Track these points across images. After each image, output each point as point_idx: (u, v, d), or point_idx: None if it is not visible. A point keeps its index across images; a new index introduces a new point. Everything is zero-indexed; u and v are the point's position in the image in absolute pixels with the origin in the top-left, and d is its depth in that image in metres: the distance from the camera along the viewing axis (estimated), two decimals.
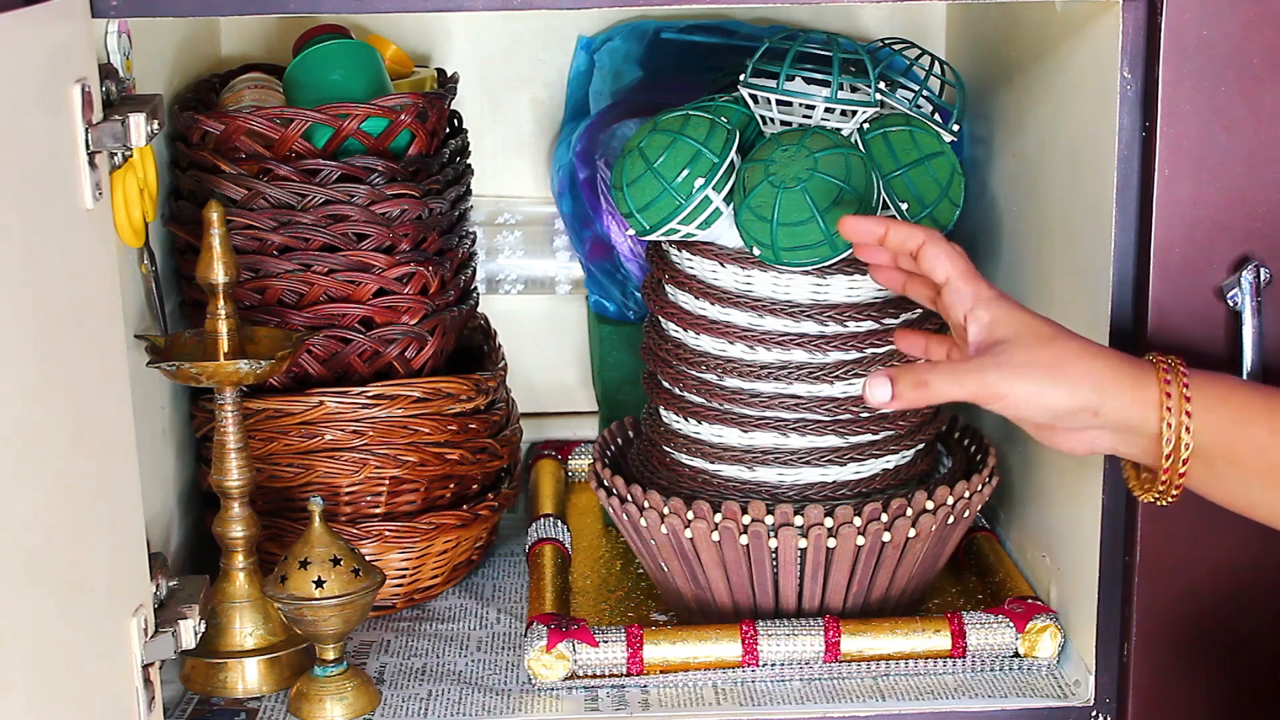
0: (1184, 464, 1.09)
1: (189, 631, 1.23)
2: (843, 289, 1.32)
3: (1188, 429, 1.08)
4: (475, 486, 1.51)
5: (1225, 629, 1.25)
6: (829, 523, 1.32)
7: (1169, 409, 1.08)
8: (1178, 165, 1.18)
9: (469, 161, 1.56)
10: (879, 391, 1.11)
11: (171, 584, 1.27)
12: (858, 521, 1.32)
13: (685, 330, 1.37)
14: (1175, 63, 1.17)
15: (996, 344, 1.10)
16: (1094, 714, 1.30)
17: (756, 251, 1.29)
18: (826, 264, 1.29)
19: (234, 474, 1.33)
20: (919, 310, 1.35)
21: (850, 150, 1.28)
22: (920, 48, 1.45)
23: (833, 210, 1.26)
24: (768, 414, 1.35)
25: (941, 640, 1.34)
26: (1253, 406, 1.08)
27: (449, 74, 1.58)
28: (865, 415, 1.35)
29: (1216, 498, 1.12)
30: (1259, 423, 1.08)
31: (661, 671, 1.34)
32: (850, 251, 1.28)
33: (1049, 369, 1.09)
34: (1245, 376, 1.18)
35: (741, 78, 1.37)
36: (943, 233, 1.26)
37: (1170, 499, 1.12)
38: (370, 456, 1.42)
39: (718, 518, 1.32)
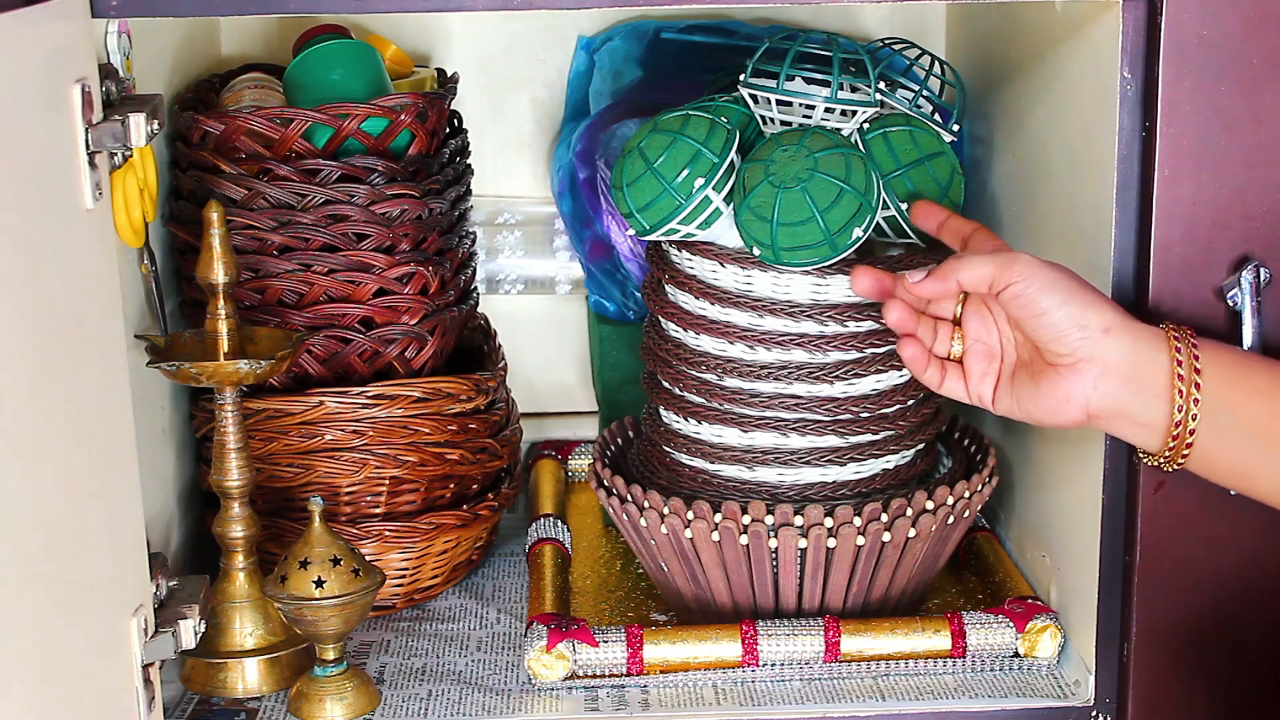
0: (1195, 405, 1.11)
1: (189, 631, 1.23)
2: (843, 289, 1.32)
3: (1198, 369, 1.10)
4: (475, 486, 1.51)
5: (1225, 629, 1.25)
6: (829, 523, 1.32)
7: (1178, 348, 1.11)
8: (1178, 165, 1.18)
9: (469, 161, 1.56)
10: (912, 274, 1.19)
11: (171, 584, 1.27)
12: (858, 521, 1.32)
13: (685, 330, 1.37)
14: (1175, 63, 1.17)
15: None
16: (1094, 714, 1.30)
17: (756, 251, 1.29)
18: (826, 264, 1.29)
19: (234, 474, 1.33)
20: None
21: (850, 150, 1.28)
22: (920, 48, 1.45)
23: (832, 210, 1.26)
24: (768, 414, 1.35)
25: (941, 640, 1.34)
26: (1252, 359, 1.12)
27: (449, 74, 1.58)
28: (865, 415, 1.35)
29: (1219, 464, 1.13)
30: (1258, 372, 1.11)
31: (661, 671, 1.34)
32: (850, 251, 1.28)
33: (1073, 282, 1.14)
34: None
35: (741, 78, 1.37)
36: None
37: (1179, 461, 1.14)
38: (370, 456, 1.42)
39: (718, 518, 1.32)
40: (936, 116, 1.39)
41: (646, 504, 1.35)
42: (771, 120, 1.36)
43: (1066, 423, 1.15)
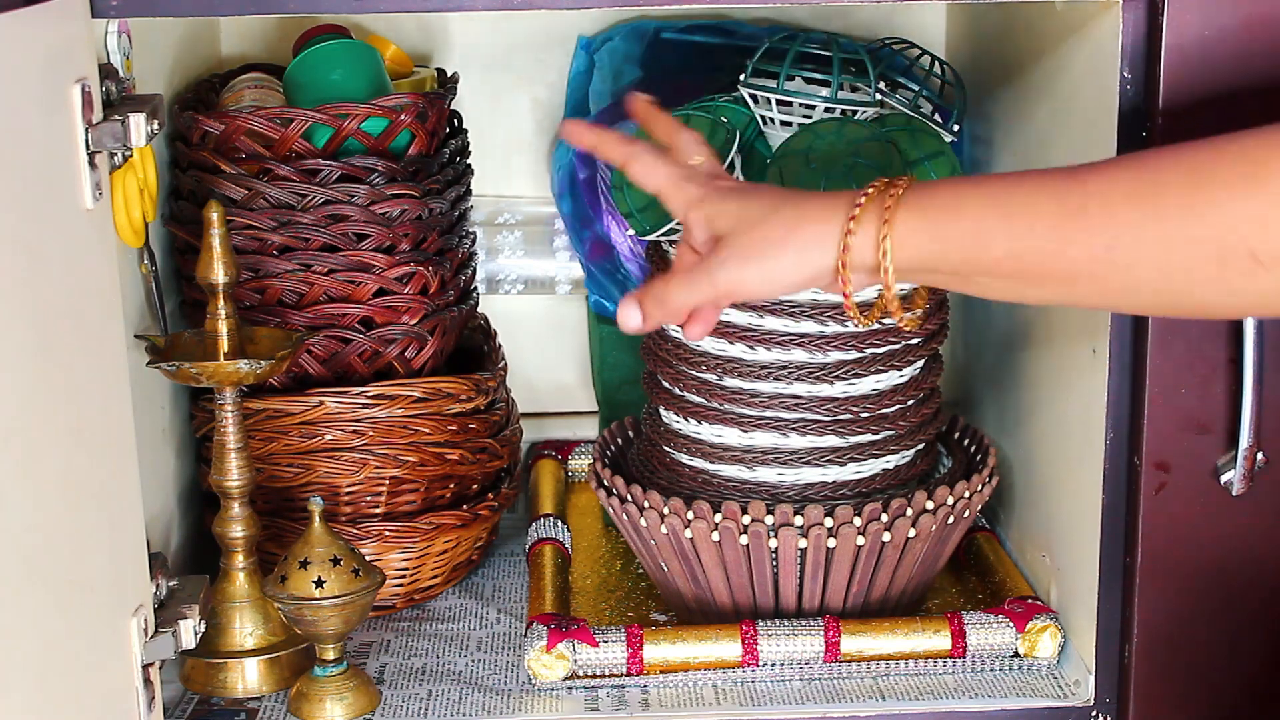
0: (889, 287, 1.05)
1: (189, 631, 1.23)
2: None
3: (885, 259, 1.03)
4: (475, 486, 1.51)
5: (1225, 629, 1.25)
6: (829, 523, 1.32)
7: (850, 230, 1.04)
8: None
9: (469, 161, 1.56)
10: (629, 316, 1.11)
11: (171, 584, 1.27)
12: (858, 521, 1.32)
13: None
14: (1175, 63, 1.17)
15: (721, 239, 1.08)
16: (1094, 714, 1.30)
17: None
18: None
19: (234, 474, 1.33)
20: (919, 309, 1.34)
21: (886, 140, 1.28)
22: (920, 48, 1.45)
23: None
24: (768, 414, 1.35)
25: (941, 640, 1.34)
26: (987, 218, 1.01)
27: (449, 74, 1.58)
28: (865, 415, 1.35)
29: (996, 298, 1.07)
30: (997, 233, 1.01)
31: (661, 671, 1.34)
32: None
33: (770, 245, 1.06)
34: (1246, 378, 1.18)
35: (742, 78, 1.37)
36: None
37: (886, 318, 1.08)
38: (370, 456, 1.42)
39: (718, 518, 1.32)
40: (936, 116, 1.39)
41: (646, 504, 1.35)
42: (771, 120, 1.36)
43: None
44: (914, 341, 1.35)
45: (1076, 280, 1.00)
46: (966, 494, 1.36)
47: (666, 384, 1.40)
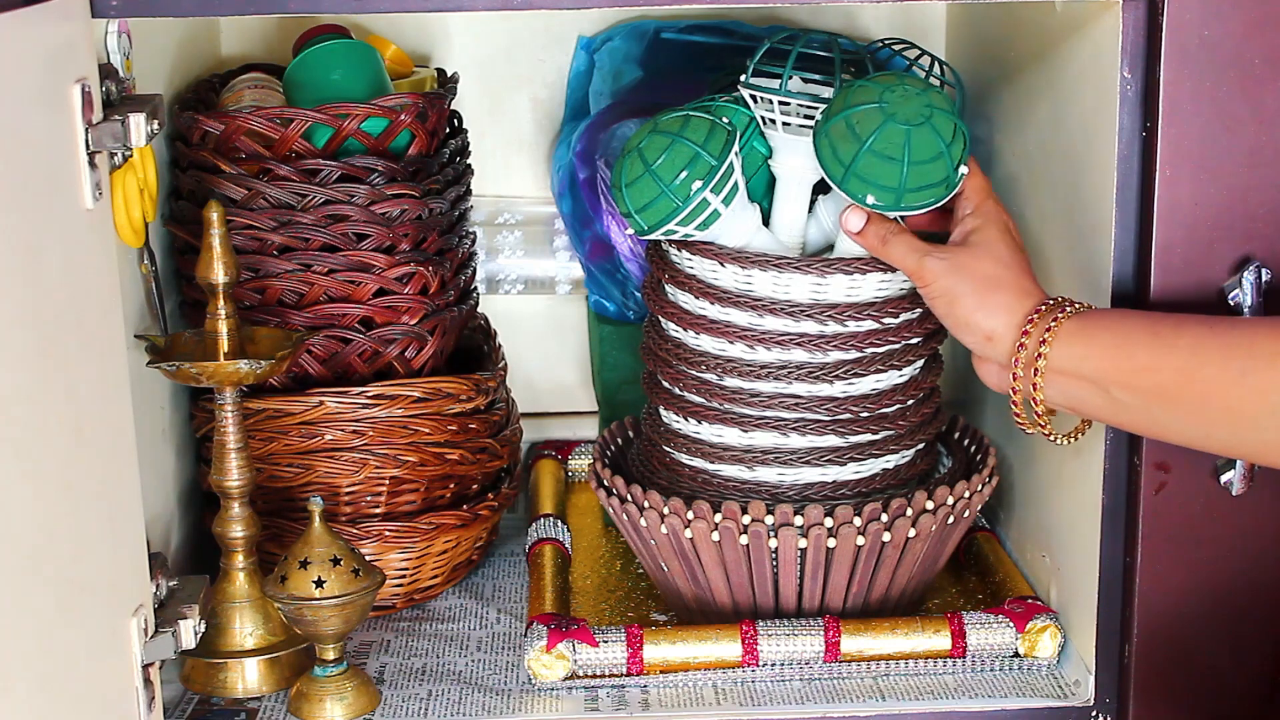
0: (1036, 381, 1.16)
1: (189, 631, 1.23)
2: (843, 289, 1.32)
3: (1041, 355, 1.15)
4: (475, 486, 1.51)
5: (1225, 629, 1.25)
6: (829, 523, 1.32)
7: (1027, 331, 1.17)
8: (1178, 165, 1.18)
9: (469, 161, 1.56)
10: (854, 219, 1.27)
11: (171, 584, 1.27)
12: (858, 521, 1.32)
13: (685, 330, 1.37)
14: (1175, 63, 1.17)
15: (963, 243, 1.23)
16: (1094, 714, 1.30)
17: (871, 200, 1.25)
18: (936, 206, 1.27)
19: (234, 474, 1.33)
20: (919, 309, 1.35)
21: (944, 92, 1.29)
22: (920, 48, 1.45)
23: (954, 145, 1.25)
24: (768, 414, 1.35)
25: (941, 640, 1.34)
26: (1136, 332, 1.13)
27: (449, 74, 1.58)
28: (865, 415, 1.35)
29: (1129, 427, 1.17)
30: (1141, 345, 1.11)
31: (661, 671, 1.34)
32: (956, 190, 1.27)
33: (977, 280, 1.20)
34: None
35: (742, 78, 1.37)
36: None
37: (1040, 429, 1.19)
38: (370, 456, 1.42)
39: (718, 518, 1.32)
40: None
41: (646, 504, 1.35)
42: (772, 120, 1.36)
43: None
44: (914, 341, 1.35)
45: (1208, 403, 1.08)
46: (966, 494, 1.36)
47: (666, 384, 1.40)
